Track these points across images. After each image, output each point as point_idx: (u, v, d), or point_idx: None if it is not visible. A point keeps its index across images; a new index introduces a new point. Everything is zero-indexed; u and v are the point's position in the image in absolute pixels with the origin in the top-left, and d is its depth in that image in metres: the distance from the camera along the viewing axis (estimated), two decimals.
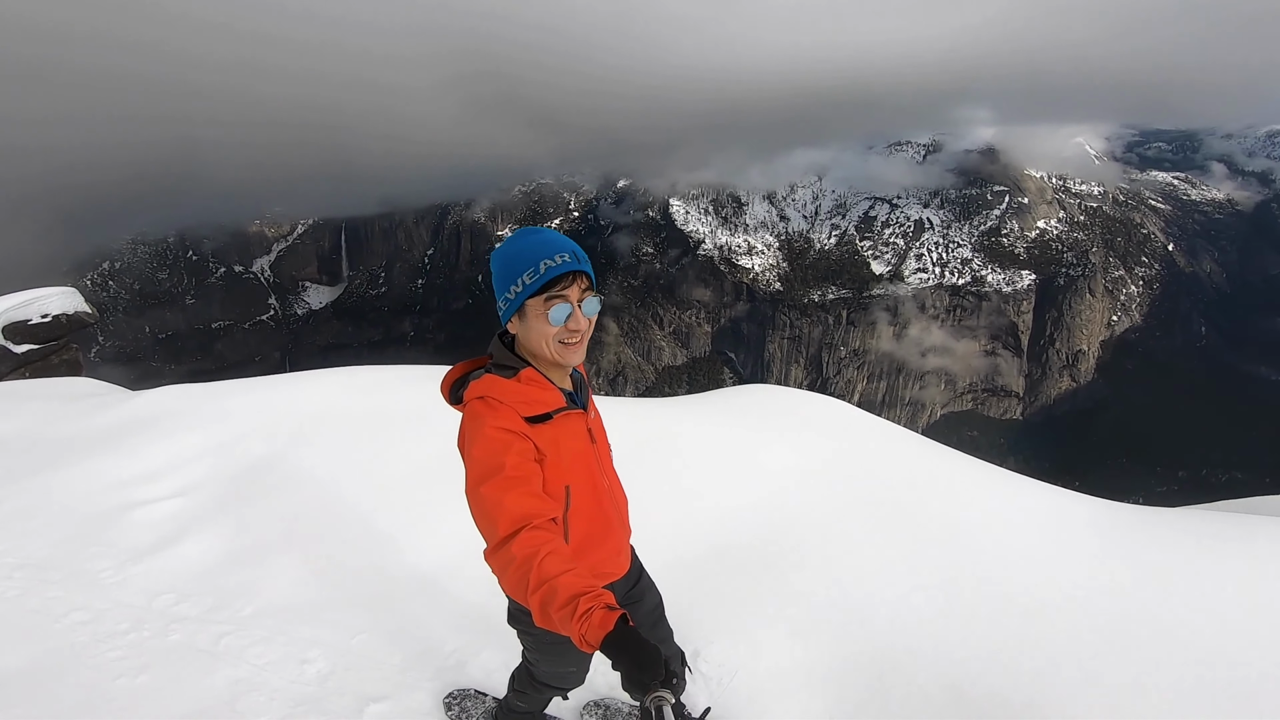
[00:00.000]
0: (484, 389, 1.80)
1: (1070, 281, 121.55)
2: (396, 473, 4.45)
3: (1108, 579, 3.21)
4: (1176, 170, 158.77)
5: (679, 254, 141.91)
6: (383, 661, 2.88)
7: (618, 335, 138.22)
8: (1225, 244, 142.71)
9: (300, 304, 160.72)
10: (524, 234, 1.83)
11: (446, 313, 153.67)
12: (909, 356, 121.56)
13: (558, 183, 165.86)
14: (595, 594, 1.51)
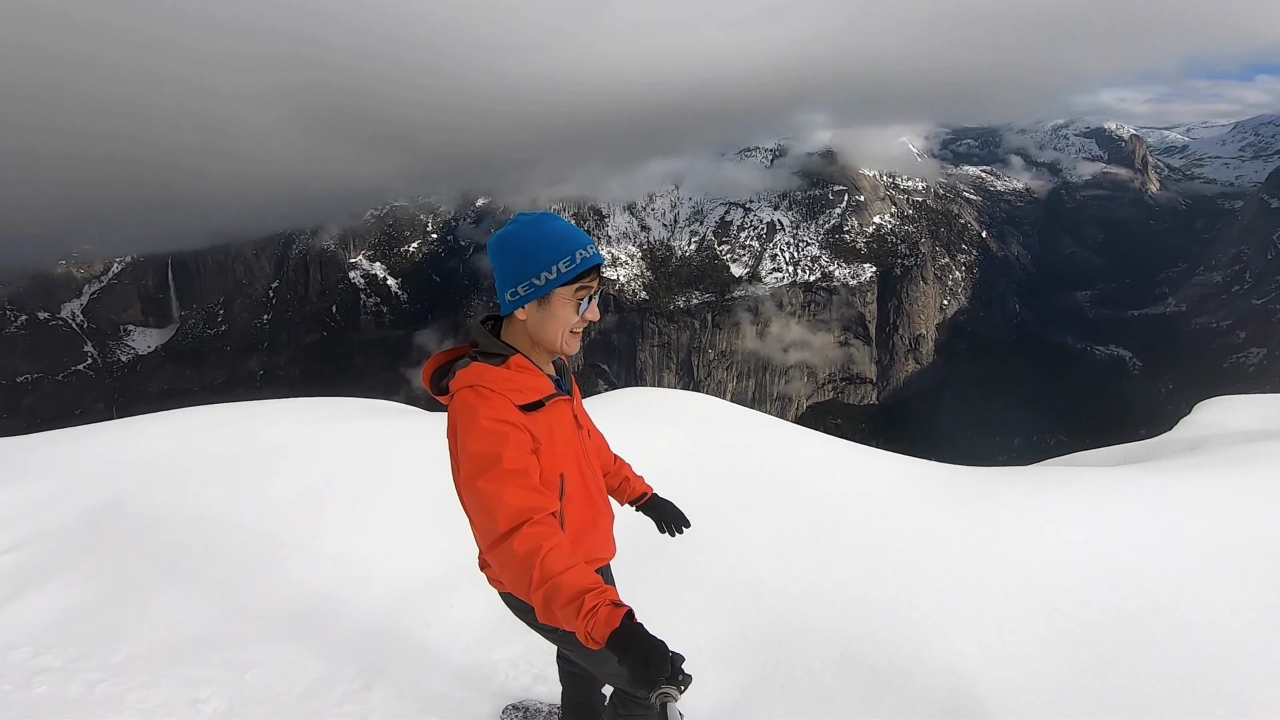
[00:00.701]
0: (474, 377, 1.73)
1: (906, 271, 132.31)
2: (260, 509, 4.14)
3: (952, 531, 3.68)
4: (983, 164, 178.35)
5: None
6: (282, 693, 2.78)
7: None
8: (1027, 229, 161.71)
9: (124, 350, 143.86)
10: (545, 219, 1.78)
11: (299, 348, 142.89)
12: (773, 353, 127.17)
13: (413, 204, 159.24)
14: (600, 590, 1.50)
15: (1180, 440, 8.68)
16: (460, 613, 3.17)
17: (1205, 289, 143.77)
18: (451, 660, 2.94)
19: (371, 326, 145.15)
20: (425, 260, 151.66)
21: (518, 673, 2.84)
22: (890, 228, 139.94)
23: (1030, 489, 4.39)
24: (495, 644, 3.00)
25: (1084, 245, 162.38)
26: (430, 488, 4.01)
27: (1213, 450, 6.86)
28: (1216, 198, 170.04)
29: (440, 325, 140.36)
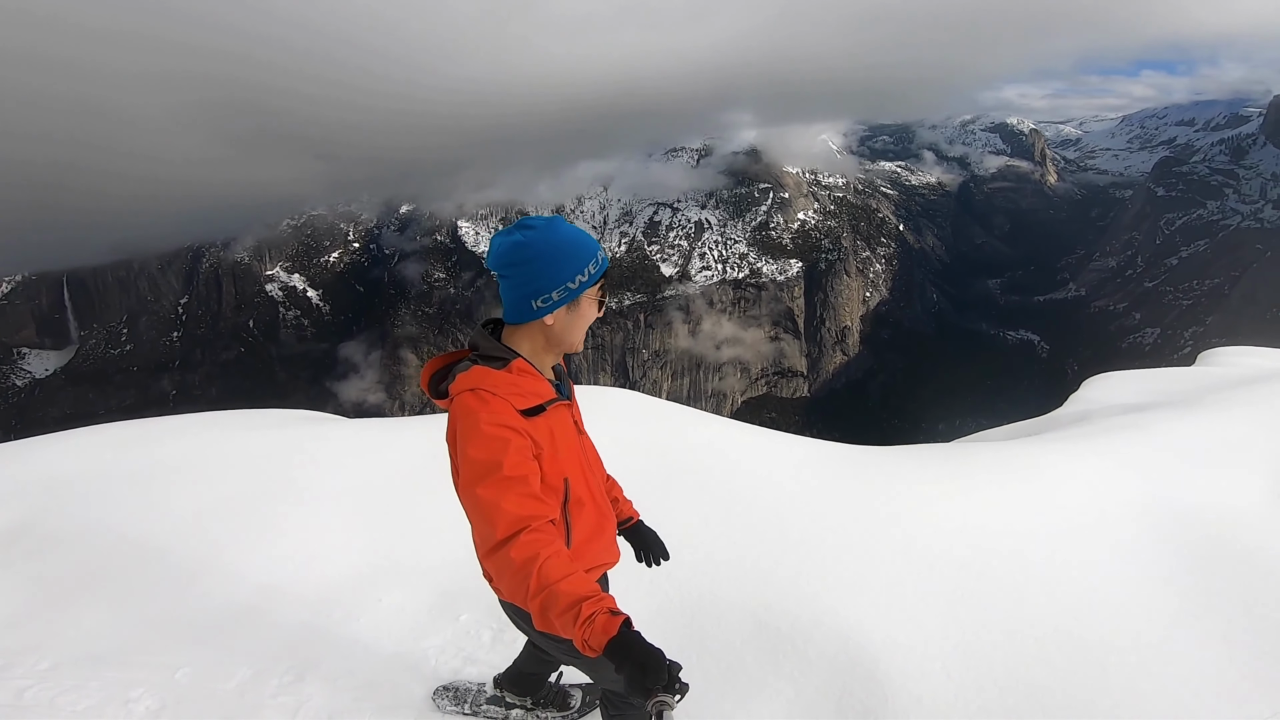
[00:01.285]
0: (475, 381, 1.71)
1: (830, 266, 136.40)
2: (175, 521, 4.08)
3: (848, 505, 3.98)
4: (898, 160, 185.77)
5: (473, 276, 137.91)
6: (215, 689, 2.85)
7: (418, 367, 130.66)
8: (941, 221, 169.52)
9: (19, 373, 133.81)
10: (557, 223, 1.77)
11: (215, 365, 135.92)
12: (706, 351, 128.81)
13: (333, 213, 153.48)
14: (598, 598, 1.50)
15: (1068, 415, 9.42)
16: (389, 605, 3.27)
17: (1102, 274, 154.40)
18: (383, 650, 3.02)
19: (293, 340, 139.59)
20: (348, 270, 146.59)
21: (447, 657, 2.97)
22: (814, 223, 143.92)
23: (918, 464, 4.82)
24: (425, 632, 3.10)
25: (993, 235, 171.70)
26: (349, 489, 4.24)
27: (1091, 422, 7.51)
28: (1108, 187, 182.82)
29: (366, 337, 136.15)
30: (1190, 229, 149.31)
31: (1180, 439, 5.51)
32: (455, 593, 3.27)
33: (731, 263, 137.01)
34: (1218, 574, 3.37)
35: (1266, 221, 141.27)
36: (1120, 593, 3.24)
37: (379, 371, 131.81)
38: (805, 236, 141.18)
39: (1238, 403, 6.89)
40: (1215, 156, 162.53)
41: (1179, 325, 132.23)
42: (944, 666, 2.76)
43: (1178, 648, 2.89)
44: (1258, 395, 7.18)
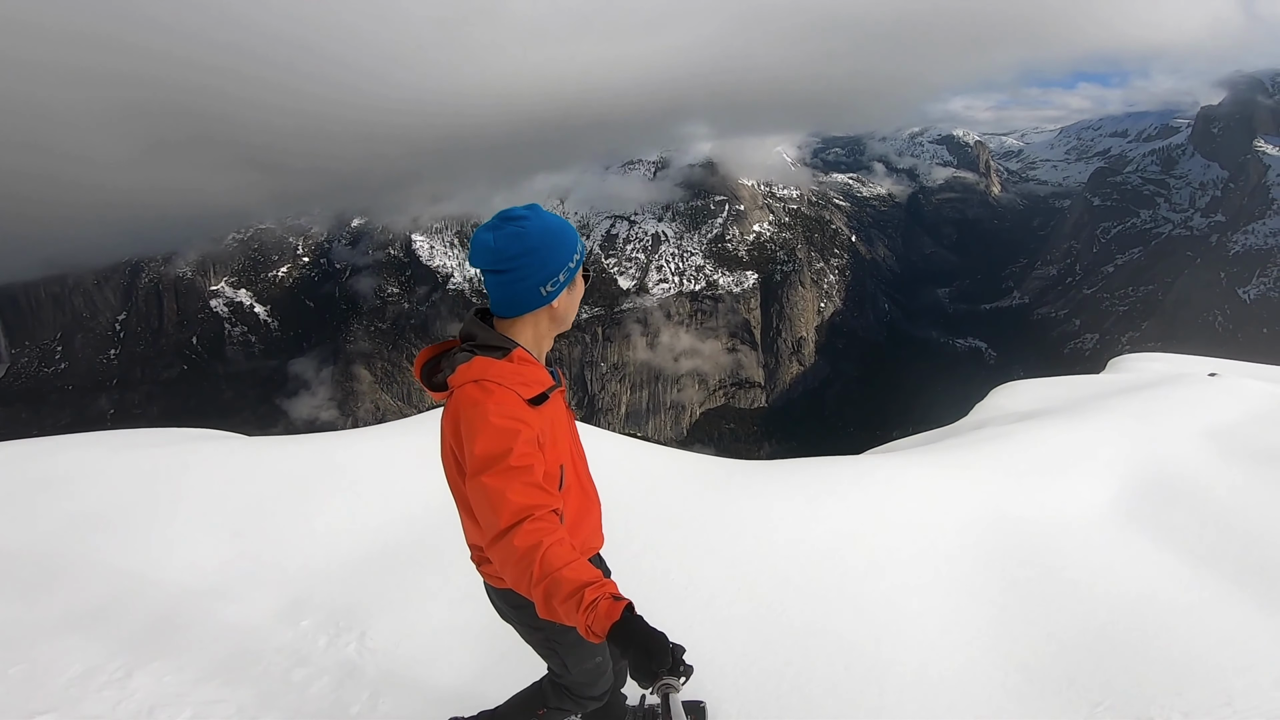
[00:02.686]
0: (479, 371, 1.71)
1: (785, 277, 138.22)
2: (36, 534, 4.13)
3: (692, 516, 4.29)
4: (850, 171, 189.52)
5: (428, 290, 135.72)
6: (44, 684, 2.94)
7: (371, 383, 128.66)
8: (891, 231, 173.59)
9: None
10: (539, 209, 1.79)
11: (156, 384, 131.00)
12: (664, 363, 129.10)
13: (281, 227, 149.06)
14: (600, 584, 1.50)
15: (969, 423, 10.06)
16: (234, 610, 3.36)
17: (1044, 281, 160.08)
18: (219, 651, 3.10)
19: (240, 357, 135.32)
20: (297, 285, 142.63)
21: (282, 658, 3.05)
22: (769, 235, 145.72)
23: (788, 477, 5.17)
24: (265, 635, 3.18)
25: (941, 245, 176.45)
26: (213, 503, 4.39)
27: (979, 431, 8.20)
28: (1049, 197, 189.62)
29: (318, 353, 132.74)
30: (1125, 237, 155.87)
31: (1040, 448, 6.07)
32: (302, 600, 3.42)
33: (688, 275, 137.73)
34: (1028, 590, 3.53)
35: (1195, 229, 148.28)
36: (926, 610, 3.38)
37: (331, 388, 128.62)
38: (761, 248, 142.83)
39: (1108, 410, 7.43)
40: (1147, 167, 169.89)
41: (1116, 331, 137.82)
42: (735, 683, 2.89)
43: (970, 671, 2.95)
44: (1130, 403, 7.76)
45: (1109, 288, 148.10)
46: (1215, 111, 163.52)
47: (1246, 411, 7.23)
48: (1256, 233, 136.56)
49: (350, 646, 3.08)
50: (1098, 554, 3.91)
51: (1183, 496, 4.75)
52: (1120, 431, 6.41)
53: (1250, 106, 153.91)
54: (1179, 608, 3.30)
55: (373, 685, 2.86)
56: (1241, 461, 5.49)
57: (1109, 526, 4.35)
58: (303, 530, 4.08)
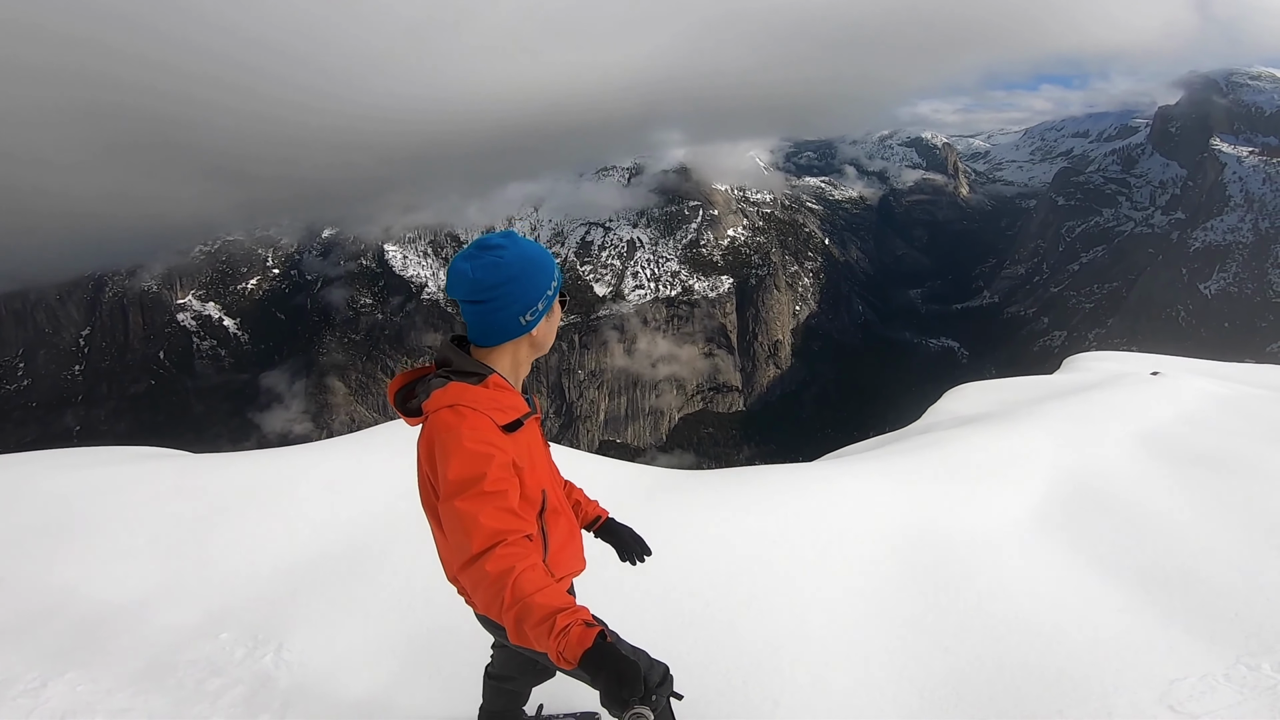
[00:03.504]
0: (454, 397, 1.71)
1: (760, 281, 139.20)
2: None
3: (631, 523, 4.06)
4: (822, 175, 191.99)
5: (402, 300, 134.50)
6: None
7: (346, 395, 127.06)
8: (864, 234, 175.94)
9: None
10: (515, 235, 1.82)
11: (123, 399, 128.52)
12: (642, 369, 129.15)
13: (250, 238, 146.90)
14: (572, 610, 1.51)
15: (919, 427, 10.16)
16: (155, 624, 3.42)
17: (1013, 281, 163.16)
18: (135, 663, 3.14)
19: (210, 372, 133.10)
20: (267, 297, 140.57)
21: (197, 669, 3.11)
22: (743, 239, 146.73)
23: (705, 488, 5.24)
24: (183, 648, 3.24)
25: (912, 246, 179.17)
26: (142, 521, 4.42)
27: (924, 435, 8.13)
28: (1015, 198, 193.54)
29: (290, 366, 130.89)
30: (1089, 236, 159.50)
31: (970, 455, 6.03)
32: (223, 614, 3.48)
33: (664, 281, 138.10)
34: (935, 603, 3.52)
35: (1156, 227, 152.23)
36: (832, 622, 3.40)
37: (304, 401, 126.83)
38: (735, 253, 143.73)
39: (1045, 414, 7.47)
40: (1109, 166, 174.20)
41: (1083, 328, 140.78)
42: None
43: (866, 686, 2.94)
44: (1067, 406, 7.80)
45: (1075, 285, 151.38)
46: (1172, 111, 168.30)
47: (1181, 412, 7.31)
48: (1215, 229, 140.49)
49: (267, 658, 3.14)
50: (1007, 566, 3.87)
51: (1101, 504, 4.75)
52: (1052, 436, 6.44)
53: (1206, 106, 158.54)
54: (1076, 622, 3.26)
55: (285, 695, 2.94)
56: (1166, 465, 5.52)
57: (1024, 537, 4.33)
58: (230, 546, 4.15)
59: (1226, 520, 4.28)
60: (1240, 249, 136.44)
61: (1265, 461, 5.32)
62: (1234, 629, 3.12)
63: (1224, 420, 6.94)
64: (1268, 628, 3.08)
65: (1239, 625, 3.14)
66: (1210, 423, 6.81)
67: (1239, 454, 5.57)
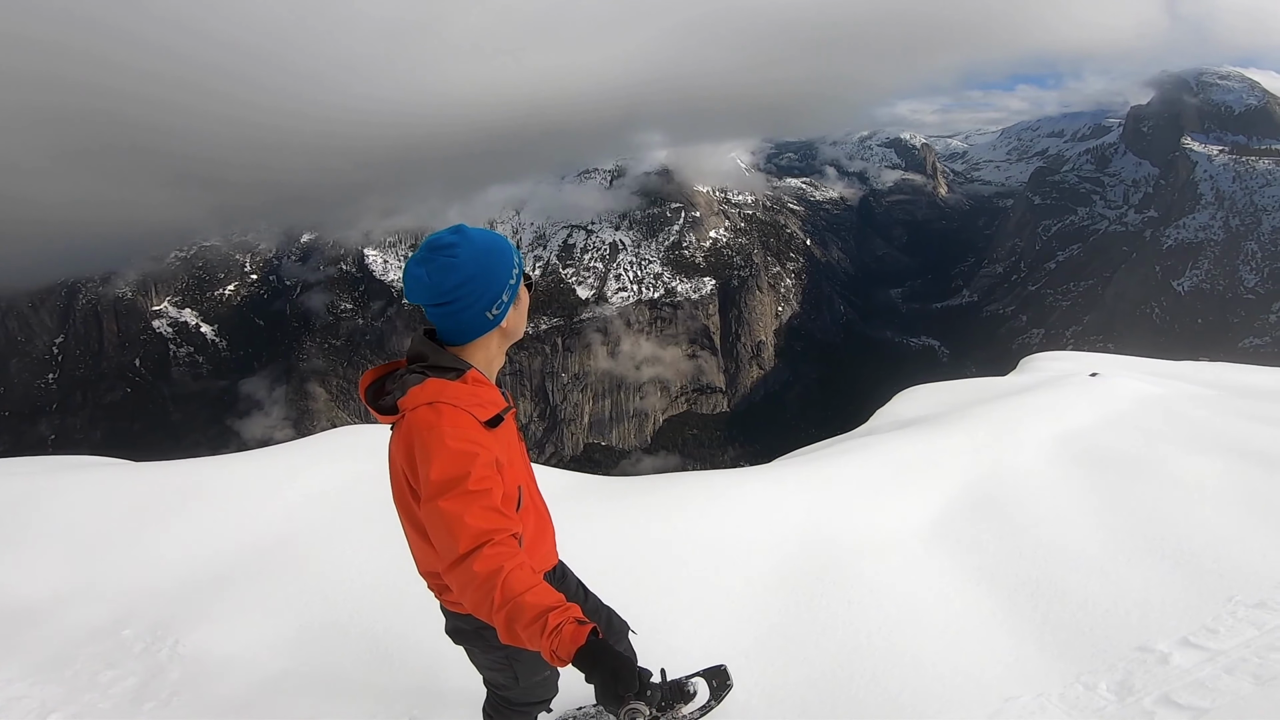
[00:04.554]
0: (433, 394, 1.65)
1: (742, 282, 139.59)
2: None
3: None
4: (803, 176, 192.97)
5: (383, 305, 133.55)
6: None
7: (327, 401, 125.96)
8: (845, 234, 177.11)
9: None
10: (466, 228, 1.76)
11: (98, 408, 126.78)
12: (626, 371, 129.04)
13: (227, 244, 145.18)
14: (564, 608, 1.49)
15: (861, 430, 10.22)
16: (62, 624, 3.54)
17: (991, 279, 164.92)
18: (36, 657, 3.29)
19: (187, 379, 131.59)
20: (245, 303, 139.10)
21: (94, 662, 3.22)
22: (725, 241, 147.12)
23: (620, 497, 5.27)
24: (85, 644, 3.36)
25: (892, 246, 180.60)
26: (61, 528, 4.51)
27: (854, 439, 8.24)
28: (992, 197, 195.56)
29: (270, 372, 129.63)
30: (1065, 234, 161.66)
31: (887, 460, 6.06)
32: (128, 614, 3.60)
33: (647, 283, 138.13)
34: (809, 613, 3.51)
35: (1130, 225, 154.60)
36: (699, 632, 3.39)
37: (285, 407, 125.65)
38: (718, 254, 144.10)
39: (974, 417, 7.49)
40: (1083, 165, 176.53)
41: (1060, 325, 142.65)
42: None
43: (726, 701, 2.90)
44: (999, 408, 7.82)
45: (1052, 284, 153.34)
46: (1144, 111, 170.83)
47: (1106, 414, 7.37)
48: (1187, 227, 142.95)
49: (163, 652, 3.28)
50: (886, 576, 3.86)
51: (1000, 511, 4.76)
52: (974, 440, 6.46)
53: (1177, 105, 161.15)
54: (937, 635, 3.25)
55: (174, 686, 3.08)
56: (1076, 469, 5.55)
57: (915, 545, 4.33)
58: (146, 549, 4.28)
59: (1114, 529, 4.30)
60: (1212, 246, 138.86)
61: (1170, 466, 5.36)
62: (1084, 645, 3.12)
63: (1146, 422, 7.00)
64: (1116, 645, 3.08)
65: (1089, 641, 3.14)
66: (1131, 425, 6.87)
67: (1148, 458, 5.62)
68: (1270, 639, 2.94)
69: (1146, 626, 3.18)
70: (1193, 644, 2.98)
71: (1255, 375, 12.93)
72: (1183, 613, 3.24)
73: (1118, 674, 2.88)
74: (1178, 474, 5.16)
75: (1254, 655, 2.84)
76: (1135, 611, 3.31)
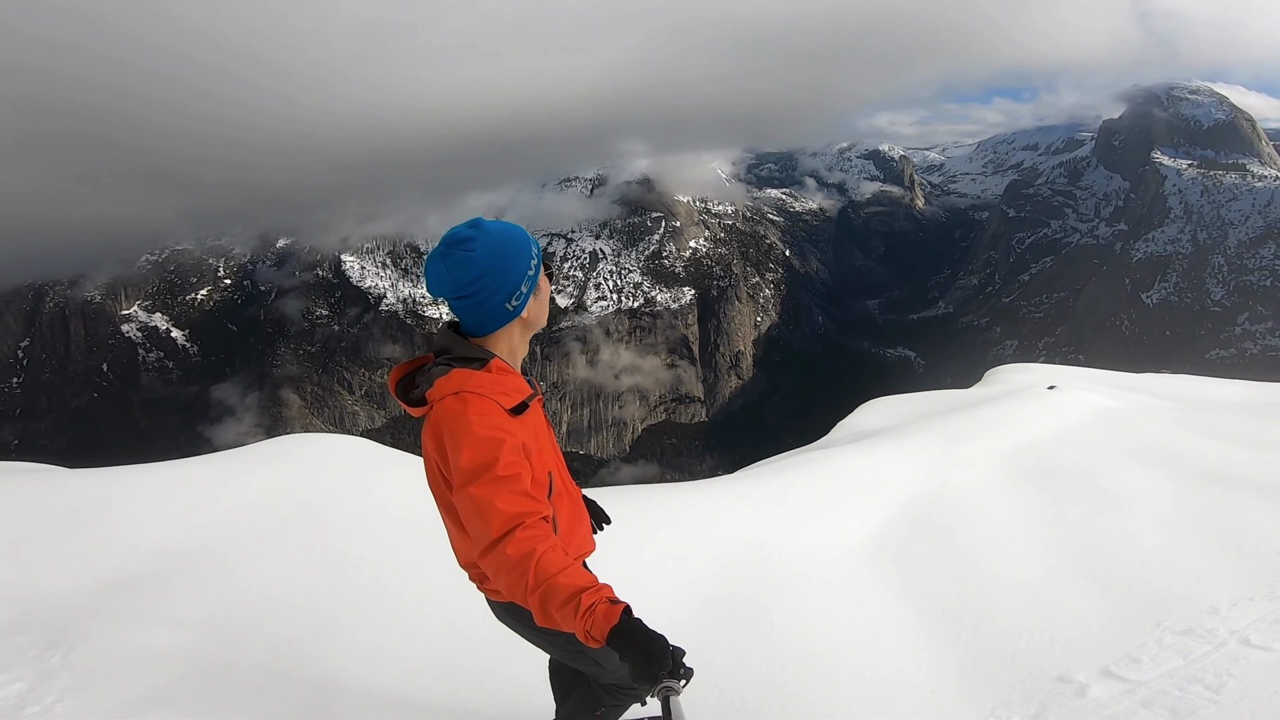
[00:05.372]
0: (458, 383, 1.70)
1: (722, 292, 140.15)
2: None
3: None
4: (783, 187, 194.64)
5: (360, 312, 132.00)
6: None
7: (301, 408, 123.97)
8: (823, 245, 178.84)
9: None
10: (484, 221, 1.81)
11: (64, 413, 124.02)
12: (605, 380, 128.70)
13: (200, 248, 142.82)
14: (596, 588, 1.52)
15: (824, 441, 10.05)
16: None
17: (966, 291, 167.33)
18: None
19: (157, 384, 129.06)
20: (218, 308, 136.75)
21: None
22: (705, 251, 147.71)
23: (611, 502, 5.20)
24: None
25: (870, 258, 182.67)
26: None
27: (806, 453, 8.20)
28: (968, 209, 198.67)
29: (242, 378, 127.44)
30: (1038, 247, 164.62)
31: (839, 473, 6.00)
32: (26, 621, 3.57)
33: (626, 292, 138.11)
34: (729, 632, 3.44)
35: (1101, 238, 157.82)
36: None
37: (258, 414, 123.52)
38: (697, 264, 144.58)
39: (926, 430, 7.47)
40: (1056, 179, 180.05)
41: (1033, 336, 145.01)
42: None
43: None
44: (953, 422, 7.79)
45: (1025, 295, 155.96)
46: (1116, 125, 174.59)
47: (1058, 428, 7.34)
48: (1156, 240, 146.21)
49: (54, 659, 3.26)
50: (818, 595, 3.72)
51: (941, 526, 4.65)
52: (926, 454, 6.38)
53: (1147, 119, 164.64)
54: (857, 659, 3.11)
55: (60, 692, 3.05)
56: (1021, 484, 5.47)
57: (852, 563, 4.19)
58: (51, 557, 4.23)
59: (1049, 550, 4.20)
60: (1180, 259, 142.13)
61: (1113, 483, 5.30)
62: (1004, 674, 2.99)
63: (1095, 437, 6.97)
64: (1036, 675, 2.95)
65: (1010, 670, 3.01)
66: (1080, 440, 6.83)
67: (1091, 474, 5.55)
68: (1194, 670, 2.82)
69: (1069, 655, 3.05)
70: (1113, 674, 2.86)
71: (1214, 388, 13.12)
72: (1108, 640, 3.12)
73: (1033, 706, 2.75)
74: (1119, 490, 5.09)
75: (1174, 688, 2.72)
76: (1060, 638, 3.19)
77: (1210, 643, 2.98)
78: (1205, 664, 2.84)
